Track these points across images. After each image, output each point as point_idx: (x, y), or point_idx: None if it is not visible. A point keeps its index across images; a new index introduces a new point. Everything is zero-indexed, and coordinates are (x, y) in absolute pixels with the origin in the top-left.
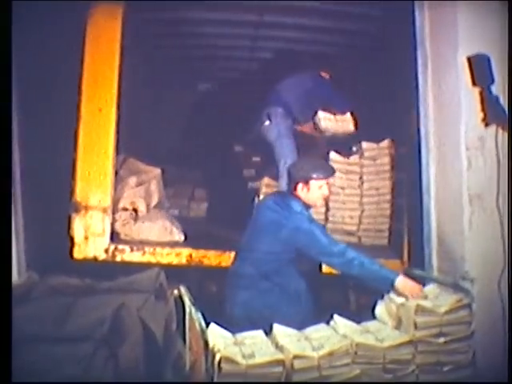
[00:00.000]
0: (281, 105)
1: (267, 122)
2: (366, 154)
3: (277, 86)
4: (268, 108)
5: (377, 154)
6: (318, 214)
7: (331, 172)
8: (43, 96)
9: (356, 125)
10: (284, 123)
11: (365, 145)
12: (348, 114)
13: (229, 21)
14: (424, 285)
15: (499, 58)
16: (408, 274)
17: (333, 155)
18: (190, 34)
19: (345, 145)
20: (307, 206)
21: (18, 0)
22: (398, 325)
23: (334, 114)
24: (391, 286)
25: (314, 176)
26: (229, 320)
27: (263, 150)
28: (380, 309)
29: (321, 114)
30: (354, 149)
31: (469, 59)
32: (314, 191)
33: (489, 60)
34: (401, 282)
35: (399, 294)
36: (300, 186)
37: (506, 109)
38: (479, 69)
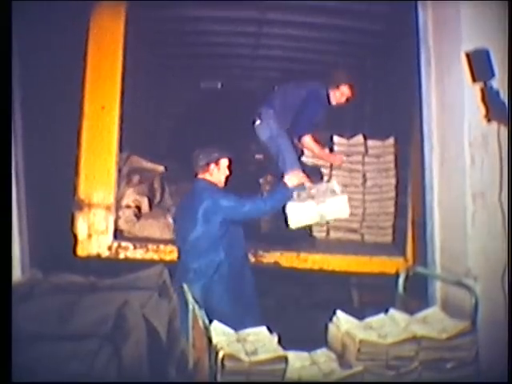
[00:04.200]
0: (272, 107)
1: (258, 122)
2: (371, 151)
3: (275, 88)
4: (260, 108)
5: (381, 152)
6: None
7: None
8: (47, 94)
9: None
10: (275, 124)
11: (370, 143)
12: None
13: (232, 18)
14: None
15: (501, 55)
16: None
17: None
18: (193, 31)
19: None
20: (214, 185)
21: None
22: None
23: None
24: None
25: (224, 155)
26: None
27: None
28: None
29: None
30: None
31: (467, 55)
32: (222, 170)
33: (488, 54)
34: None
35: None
36: (212, 166)
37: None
38: (479, 64)
